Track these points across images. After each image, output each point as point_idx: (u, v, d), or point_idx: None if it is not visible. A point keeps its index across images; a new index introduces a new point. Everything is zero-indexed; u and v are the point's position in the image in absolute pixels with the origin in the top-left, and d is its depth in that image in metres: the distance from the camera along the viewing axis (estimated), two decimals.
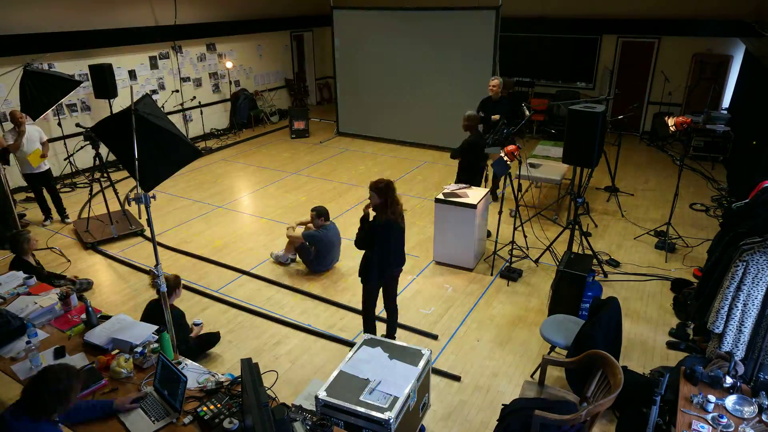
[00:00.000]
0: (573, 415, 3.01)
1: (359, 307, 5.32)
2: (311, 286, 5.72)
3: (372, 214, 4.13)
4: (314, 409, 3.14)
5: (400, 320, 5.09)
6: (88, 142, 6.72)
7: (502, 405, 3.54)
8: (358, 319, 5.14)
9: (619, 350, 4.06)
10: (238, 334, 4.94)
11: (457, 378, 4.31)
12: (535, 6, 11.15)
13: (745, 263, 3.41)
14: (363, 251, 4.27)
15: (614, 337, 3.98)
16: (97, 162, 6.71)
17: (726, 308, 3.54)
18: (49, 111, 6.33)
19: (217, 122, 11.77)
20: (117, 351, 3.40)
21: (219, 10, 11.20)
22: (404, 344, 3.57)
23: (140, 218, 6.83)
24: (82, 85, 7.33)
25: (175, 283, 4.27)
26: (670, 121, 6.13)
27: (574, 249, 5.63)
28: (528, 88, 11.78)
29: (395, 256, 4.30)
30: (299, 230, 6.05)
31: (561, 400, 3.44)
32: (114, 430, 2.83)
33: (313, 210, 5.81)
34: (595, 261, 5.72)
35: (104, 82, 8.46)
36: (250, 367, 2.61)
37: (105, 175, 7.31)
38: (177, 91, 10.49)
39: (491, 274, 5.90)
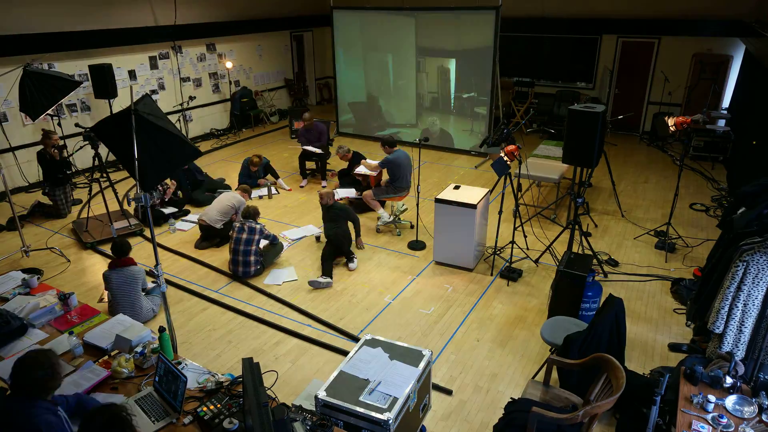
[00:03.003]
0: (570, 415, 3.01)
1: (358, 307, 5.34)
2: (311, 286, 5.72)
3: None
4: (314, 409, 3.14)
5: (400, 321, 5.12)
6: (88, 142, 6.72)
7: (511, 398, 3.54)
8: (358, 319, 5.15)
9: (623, 350, 4.05)
10: (238, 335, 4.94)
11: (448, 392, 4.18)
12: (535, 6, 11.15)
13: (745, 263, 3.41)
14: None
15: (617, 337, 3.97)
16: (97, 162, 6.71)
17: (726, 308, 3.54)
18: (49, 111, 6.34)
19: (217, 122, 11.77)
20: (117, 351, 3.41)
21: (219, 10, 11.20)
22: (405, 345, 3.56)
23: (139, 218, 6.89)
24: (82, 85, 7.34)
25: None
26: (670, 121, 6.12)
27: (574, 249, 5.63)
28: (528, 88, 11.80)
29: None
30: (371, 163, 7.31)
31: (566, 402, 3.44)
32: None
33: (382, 143, 7.04)
34: (595, 261, 5.73)
35: (104, 82, 8.46)
36: (251, 366, 2.61)
37: (104, 175, 7.30)
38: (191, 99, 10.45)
39: (491, 274, 5.90)
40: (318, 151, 8.51)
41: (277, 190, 8.44)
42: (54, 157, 7.07)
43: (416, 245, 6.51)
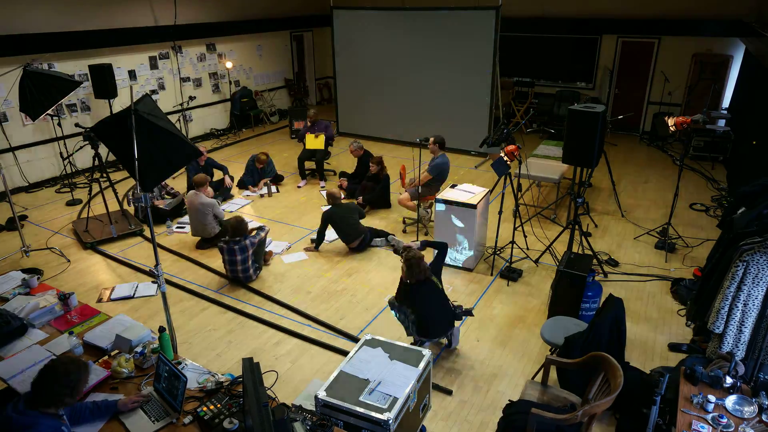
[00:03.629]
0: (569, 415, 3.01)
1: (358, 307, 5.34)
2: (311, 286, 5.72)
3: None
4: (314, 409, 3.14)
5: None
6: (88, 143, 6.73)
7: (509, 401, 3.54)
8: (358, 319, 5.15)
9: (623, 350, 4.05)
10: (238, 335, 4.94)
11: (448, 392, 4.20)
12: (535, 6, 11.15)
13: (745, 263, 3.41)
14: None
15: (617, 336, 3.98)
16: (97, 162, 6.71)
17: (726, 308, 3.54)
18: (49, 111, 6.34)
19: (217, 122, 11.77)
20: (117, 351, 3.40)
21: (219, 10, 11.20)
22: (405, 345, 3.56)
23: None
24: (82, 85, 7.34)
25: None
26: (670, 121, 6.12)
27: (574, 249, 5.63)
28: (528, 88, 11.80)
29: None
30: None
31: (565, 402, 3.44)
32: (114, 431, 2.83)
33: (434, 141, 6.80)
34: (595, 261, 5.73)
35: (104, 82, 8.46)
36: (251, 366, 2.61)
37: (104, 175, 7.31)
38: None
39: (491, 274, 5.90)
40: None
41: (277, 188, 8.45)
42: None
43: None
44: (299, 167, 8.74)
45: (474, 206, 5.64)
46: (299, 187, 8.62)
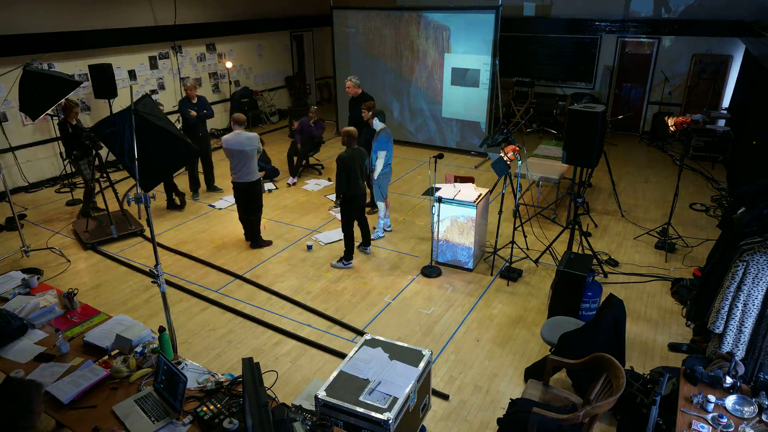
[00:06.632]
0: (570, 415, 3.01)
1: (358, 307, 5.34)
2: (311, 286, 5.72)
3: None
4: (314, 409, 3.14)
5: (400, 321, 5.12)
6: (88, 143, 6.72)
7: (511, 399, 3.54)
8: (358, 319, 5.15)
9: (622, 351, 4.05)
10: (238, 334, 4.94)
11: (445, 396, 4.16)
12: (535, 6, 11.15)
13: (745, 263, 3.41)
14: None
15: (616, 337, 3.97)
16: (97, 162, 6.71)
17: (726, 308, 3.54)
18: (49, 111, 6.34)
19: (216, 122, 11.76)
20: (117, 351, 3.40)
21: (219, 10, 11.20)
22: (405, 345, 3.56)
23: (140, 218, 6.86)
24: (82, 85, 7.33)
25: None
26: (670, 121, 6.13)
27: (574, 249, 5.63)
28: (528, 88, 11.80)
29: None
30: None
31: (566, 402, 3.44)
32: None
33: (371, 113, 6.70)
34: (595, 261, 5.73)
35: (104, 82, 8.46)
36: (251, 366, 2.61)
37: (105, 175, 7.30)
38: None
39: (491, 274, 5.90)
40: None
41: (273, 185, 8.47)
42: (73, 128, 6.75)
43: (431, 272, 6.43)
44: (288, 163, 8.73)
45: (474, 206, 5.64)
46: (289, 184, 8.61)
